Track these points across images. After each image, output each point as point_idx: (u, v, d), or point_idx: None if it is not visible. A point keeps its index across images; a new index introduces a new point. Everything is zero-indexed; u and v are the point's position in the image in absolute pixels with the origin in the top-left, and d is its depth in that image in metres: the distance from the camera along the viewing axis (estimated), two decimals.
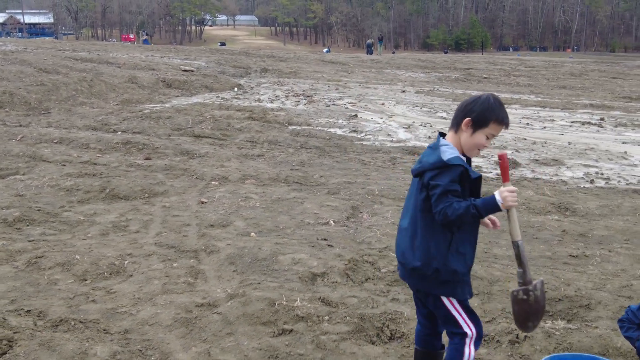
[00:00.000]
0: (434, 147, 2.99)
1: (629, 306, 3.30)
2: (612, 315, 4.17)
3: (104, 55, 24.88)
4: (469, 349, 2.95)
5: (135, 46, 38.76)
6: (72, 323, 3.96)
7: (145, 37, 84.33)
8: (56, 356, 3.46)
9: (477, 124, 2.95)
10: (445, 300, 2.95)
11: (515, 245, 2.96)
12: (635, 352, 3.48)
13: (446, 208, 2.81)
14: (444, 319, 3.00)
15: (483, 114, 2.94)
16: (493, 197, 2.83)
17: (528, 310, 2.95)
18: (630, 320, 3.19)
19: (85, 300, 4.38)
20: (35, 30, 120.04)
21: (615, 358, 3.59)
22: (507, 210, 2.91)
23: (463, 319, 2.96)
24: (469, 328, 2.96)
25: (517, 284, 2.98)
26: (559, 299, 4.44)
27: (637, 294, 4.57)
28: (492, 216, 3.01)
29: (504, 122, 2.98)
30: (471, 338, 2.97)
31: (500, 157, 3.01)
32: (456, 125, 3.00)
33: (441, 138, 3.05)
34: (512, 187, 2.87)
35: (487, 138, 2.97)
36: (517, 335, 3.83)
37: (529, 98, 20.88)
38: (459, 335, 2.96)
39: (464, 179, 2.88)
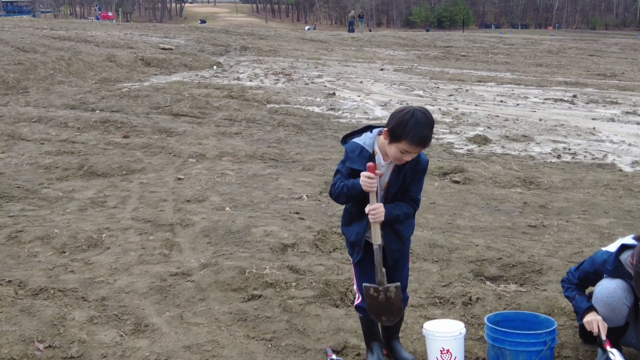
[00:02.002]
0: None
1: (569, 268, 3.59)
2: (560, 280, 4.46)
3: (82, 34, 24.72)
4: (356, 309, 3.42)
5: (113, 24, 38.38)
6: (52, 292, 4.17)
7: (98, 12, 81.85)
8: (36, 321, 3.67)
9: (392, 137, 2.98)
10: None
11: (374, 249, 3.15)
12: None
13: (330, 187, 3.23)
14: None
15: (397, 128, 2.94)
16: (358, 180, 3.05)
17: (379, 306, 3.18)
18: (569, 280, 3.47)
19: (64, 271, 4.58)
20: (12, 8, 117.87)
21: (559, 317, 3.88)
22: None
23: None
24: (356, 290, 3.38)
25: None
26: (513, 265, 4.73)
27: None
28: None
29: (413, 142, 2.92)
30: (355, 299, 3.40)
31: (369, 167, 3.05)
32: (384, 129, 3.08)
33: (368, 132, 3.18)
34: (369, 174, 3.00)
35: (402, 152, 2.98)
36: (470, 297, 4.11)
37: (505, 76, 21.18)
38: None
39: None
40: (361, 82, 18.20)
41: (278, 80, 18.22)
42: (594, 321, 3.17)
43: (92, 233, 5.35)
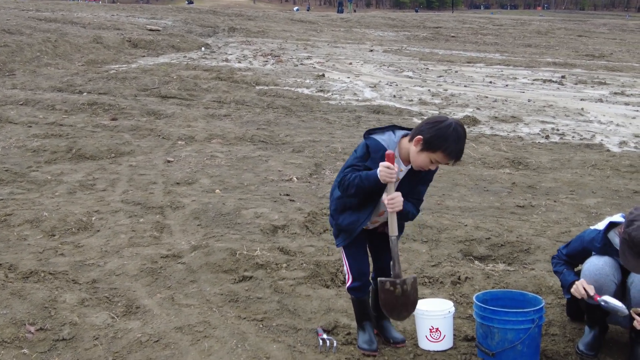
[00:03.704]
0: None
1: (560, 246, 3.63)
2: (549, 259, 4.50)
3: (68, 15, 24.42)
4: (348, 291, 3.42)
5: (100, 5, 37.92)
6: (42, 274, 4.16)
7: None
8: (27, 303, 3.67)
9: (427, 146, 2.96)
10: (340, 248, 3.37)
11: (390, 241, 3.13)
12: (561, 287, 3.82)
13: (341, 178, 3.14)
14: None
15: (436, 140, 2.93)
16: (375, 171, 3.00)
17: (394, 301, 3.17)
18: (559, 257, 3.50)
19: (54, 254, 4.58)
20: None
21: (547, 296, 3.93)
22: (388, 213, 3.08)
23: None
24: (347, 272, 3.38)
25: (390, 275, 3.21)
26: (501, 245, 4.78)
27: None
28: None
29: (452, 156, 2.95)
30: (346, 281, 3.40)
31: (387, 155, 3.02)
32: (413, 135, 3.04)
33: (392, 132, 3.13)
34: (389, 164, 2.96)
35: (432, 162, 3.00)
36: (459, 277, 4.15)
37: (494, 57, 21.19)
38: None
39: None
40: (350, 64, 18.14)
41: (267, 61, 18.12)
42: (578, 285, 3.16)
43: (82, 216, 5.34)
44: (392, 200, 3.01)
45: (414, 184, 3.19)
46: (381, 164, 2.98)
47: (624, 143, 9.05)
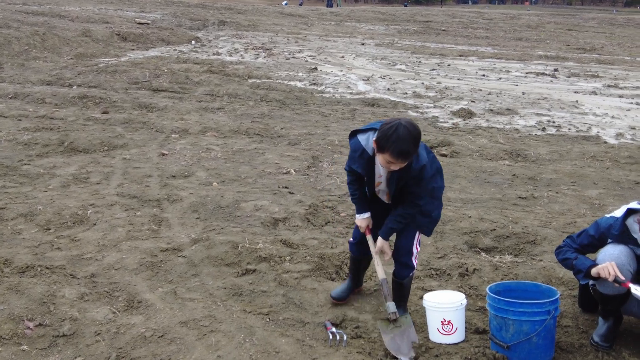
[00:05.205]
0: None
1: (567, 236, 3.55)
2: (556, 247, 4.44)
3: (55, 9, 24.09)
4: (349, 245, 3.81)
5: None
6: (39, 269, 4.04)
7: None
8: (25, 298, 3.55)
9: (378, 148, 3.14)
10: None
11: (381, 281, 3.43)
12: (574, 279, 3.76)
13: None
14: None
15: (381, 141, 3.10)
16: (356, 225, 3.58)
17: (395, 338, 3.26)
18: (568, 245, 3.41)
19: (50, 248, 4.45)
20: None
21: (557, 287, 3.86)
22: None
23: None
24: None
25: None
26: (507, 236, 4.70)
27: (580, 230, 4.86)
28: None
29: (394, 155, 3.06)
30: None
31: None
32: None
33: (372, 133, 3.27)
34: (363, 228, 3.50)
35: (387, 162, 3.13)
36: (467, 268, 4.08)
37: (486, 50, 21.16)
38: None
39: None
40: (343, 57, 18.03)
41: (258, 55, 17.97)
42: (606, 265, 3.02)
43: (77, 209, 5.20)
44: (379, 251, 3.45)
45: (403, 184, 3.29)
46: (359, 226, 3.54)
47: (620, 135, 9.02)
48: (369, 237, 3.52)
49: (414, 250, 3.50)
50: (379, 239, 3.44)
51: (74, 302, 3.60)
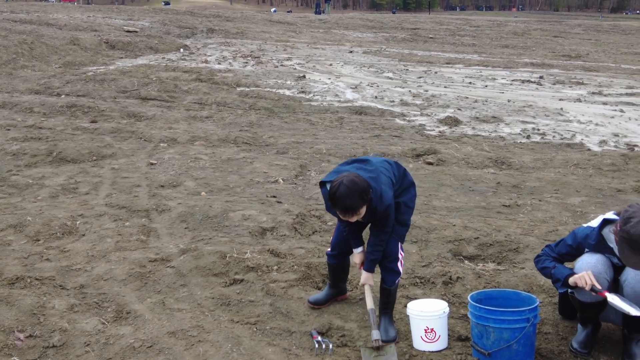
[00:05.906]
0: None
1: (546, 245, 3.63)
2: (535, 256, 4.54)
3: (43, 17, 24.08)
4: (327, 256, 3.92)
5: (75, 7, 37.45)
6: (28, 280, 4.07)
7: None
8: (15, 310, 3.59)
9: (330, 204, 3.33)
10: None
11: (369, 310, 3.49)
12: (552, 286, 3.84)
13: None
14: None
15: (330, 199, 3.29)
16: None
17: None
18: (547, 254, 3.50)
19: (40, 259, 4.49)
20: None
21: (538, 294, 3.95)
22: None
23: None
24: None
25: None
26: (490, 244, 4.80)
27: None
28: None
29: (343, 212, 3.26)
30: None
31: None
32: None
33: None
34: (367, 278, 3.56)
35: (343, 215, 3.30)
36: (451, 277, 4.16)
37: (473, 58, 21.36)
38: None
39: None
40: (331, 65, 18.15)
41: (247, 63, 18.05)
42: (583, 275, 3.12)
43: (66, 220, 5.24)
44: (365, 282, 3.57)
45: (370, 221, 3.53)
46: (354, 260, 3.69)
47: (604, 142, 9.17)
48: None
49: (399, 256, 3.60)
50: (364, 272, 3.57)
51: (64, 313, 3.65)
